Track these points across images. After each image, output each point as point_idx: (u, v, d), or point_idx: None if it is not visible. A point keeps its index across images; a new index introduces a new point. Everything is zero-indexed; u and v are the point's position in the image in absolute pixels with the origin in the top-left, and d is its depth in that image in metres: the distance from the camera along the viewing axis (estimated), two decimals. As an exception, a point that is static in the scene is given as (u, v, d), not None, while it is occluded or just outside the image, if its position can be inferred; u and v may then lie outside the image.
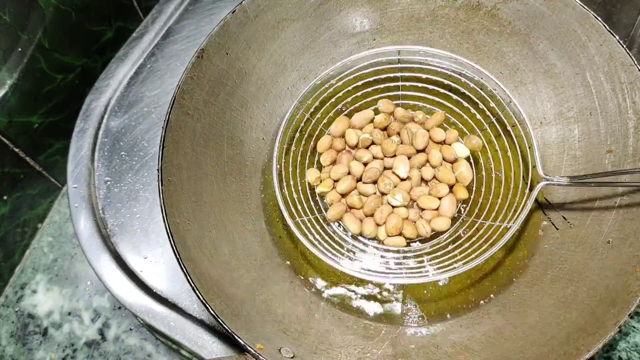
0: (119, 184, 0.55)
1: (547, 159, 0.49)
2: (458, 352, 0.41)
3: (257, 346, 0.37)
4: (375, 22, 0.53)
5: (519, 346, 0.40)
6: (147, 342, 0.56)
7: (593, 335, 0.36)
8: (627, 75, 0.43)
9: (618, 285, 0.39)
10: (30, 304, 0.58)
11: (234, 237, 0.46)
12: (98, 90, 0.59)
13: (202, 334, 0.47)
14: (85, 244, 0.52)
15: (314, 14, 0.52)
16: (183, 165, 0.44)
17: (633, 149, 0.43)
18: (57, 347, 0.56)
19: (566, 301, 0.41)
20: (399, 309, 0.45)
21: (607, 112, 0.45)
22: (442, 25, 0.52)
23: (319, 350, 0.41)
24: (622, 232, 0.41)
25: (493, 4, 0.50)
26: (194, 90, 0.46)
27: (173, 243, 0.39)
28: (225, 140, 0.49)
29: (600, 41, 0.45)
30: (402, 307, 0.45)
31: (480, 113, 0.50)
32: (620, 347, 0.50)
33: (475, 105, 0.50)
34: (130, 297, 0.49)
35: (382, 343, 0.43)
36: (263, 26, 0.50)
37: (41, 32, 0.54)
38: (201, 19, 0.63)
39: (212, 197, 0.46)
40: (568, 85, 0.48)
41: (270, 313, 0.42)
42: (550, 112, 0.49)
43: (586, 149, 0.46)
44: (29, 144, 0.57)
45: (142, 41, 0.62)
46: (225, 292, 0.41)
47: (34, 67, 0.55)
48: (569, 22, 0.46)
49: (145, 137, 0.57)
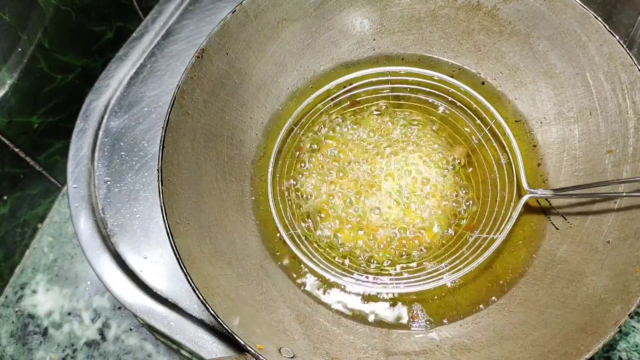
0: (119, 184, 0.55)
1: (547, 159, 0.49)
2: (458, 352, 0.41)
3: (257, 346, 0.37)
4: (375, 22, 0.53)
5: (519, 346, 0.40)
6: (147, 342, 0.56)
7: (593, 335, 0.36)
8: (627, 75, 0.43)
9: (618, 285, 0.39)
10: (30, 304, 0.58)
11: (234, 237, 0.46)
12: (98, 90, 0.59)
13: (202, 334, 0.47)
14: (85, 244, 0.52)
15: (314, 14, 0.52)
16: (183, 165, 0.44)
17: (633, 149, 0.43)
18: (57, 347, 0.56)
19: (566, 301, 0.41)
20: (399, 309, 0.45)
21: (607, 112, 0.45)
22: (442, 25, 0.52)
23: (318, 351, 0.41)
24: (622, 232, 0.41)
25: (493, 4, 0.50)
26: (194, 90, 0.46)
27: (173, 243, 0.39)
28: (225, 140, 0.49)
29: (600, 41, 0.45)
30: (402, 308, 0.45)
31: (471, 122, 0.51)
32: (621, 347, 0.50)
33: (468, 115, 0.51)
34: (130, 297, 0.49)
35: (382, 343, 0.43)
36: (263, 26, 0.50)
37: (41, 32, 0.54)
38: (201, 19, 0.63)
39: (212, 197, 0.46)
40: (568, 85, 0.48)
41: (270, 313, 0.42)
42: (550, 112, 0.49)
43: (586, 149, 0.46)
44: (29, 144, 0.57)
45: (142, 41, 0.62)
46: (225, 292, 0.41)
47: (34, 67, 0.55)
48: (569, 22, 0.46)
49: (145, 137, 0.57)
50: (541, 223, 0.47)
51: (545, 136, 0.49)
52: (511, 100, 0.48)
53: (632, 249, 0.39)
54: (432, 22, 0.53)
